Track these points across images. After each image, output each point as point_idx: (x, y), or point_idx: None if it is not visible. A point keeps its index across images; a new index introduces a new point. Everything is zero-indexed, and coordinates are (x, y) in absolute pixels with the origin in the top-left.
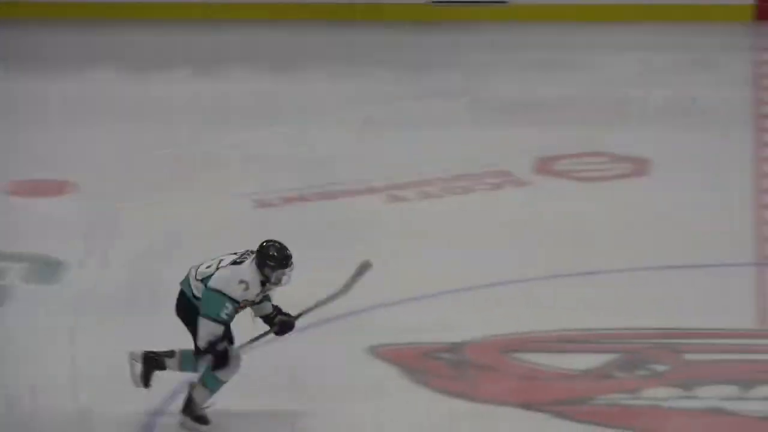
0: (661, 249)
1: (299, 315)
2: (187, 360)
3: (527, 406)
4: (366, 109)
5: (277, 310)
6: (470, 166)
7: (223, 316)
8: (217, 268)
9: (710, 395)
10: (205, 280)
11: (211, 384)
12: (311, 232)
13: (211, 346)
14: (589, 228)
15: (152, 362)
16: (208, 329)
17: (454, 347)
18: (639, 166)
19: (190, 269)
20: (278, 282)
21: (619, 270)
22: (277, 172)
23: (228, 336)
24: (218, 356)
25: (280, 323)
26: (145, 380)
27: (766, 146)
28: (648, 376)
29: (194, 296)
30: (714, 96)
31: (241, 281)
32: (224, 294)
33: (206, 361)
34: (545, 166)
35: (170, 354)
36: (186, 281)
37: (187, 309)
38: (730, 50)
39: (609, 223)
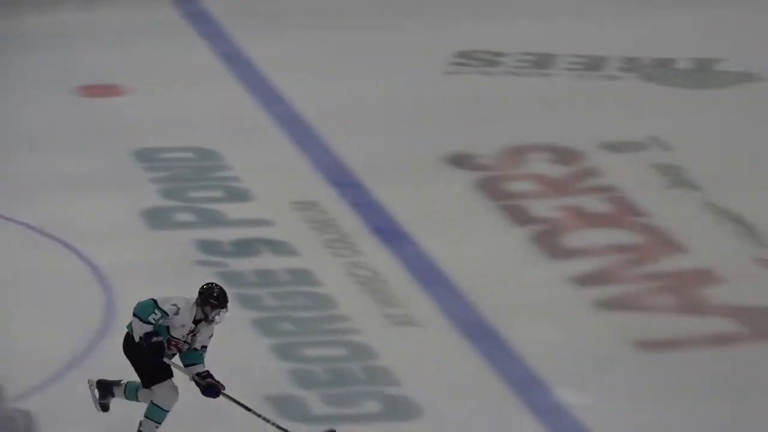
0: None
1: (230, 397)
2: (131, 391)
3: None
4: None
5: (208, 373)
6: None
7: (151, 319)
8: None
9: None
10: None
11: (155, 416)
12: None
13: (146, 336)
14: None
15: (104, 388)
16: (140, 327)
17: None
18: None
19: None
20: (214, 320)
21: None
22: None
23: (166, 367)
24: (152, 346)
25: (209, 385)
26: (102, 406)
27: None
28: None
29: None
30: None
31: (173, 304)
32: (156, 304)
33: (147, 397)
34: None
35: (117, 383)
36: (130, 324)
37: (132, 348)
38: None
39: None
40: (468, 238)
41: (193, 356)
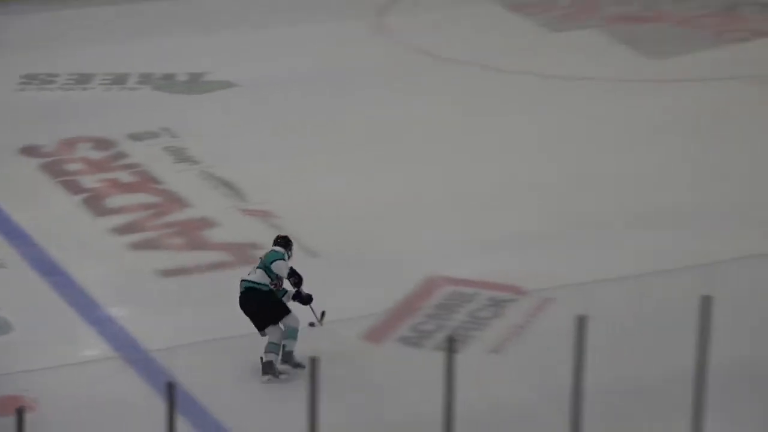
0: None
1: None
2: (273, 347)
3: None
4: None
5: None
6: None
7: (287, 257)
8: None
9: None
10: (262, 266)
11: (294, 334)
12: None
13: (292, 271)
14: None
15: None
16: (284, 265)
17: None
18: None
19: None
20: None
21: None
22: None
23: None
24: (298, 276)
25: (309, 296)
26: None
27: None
28: None
29: (257, 283)
30: None
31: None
32: (281, 253)
33: (279, 333)
34: None
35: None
36: (246, 281)
37: (250, 298)
38: None
39: None
40: (41, 205)
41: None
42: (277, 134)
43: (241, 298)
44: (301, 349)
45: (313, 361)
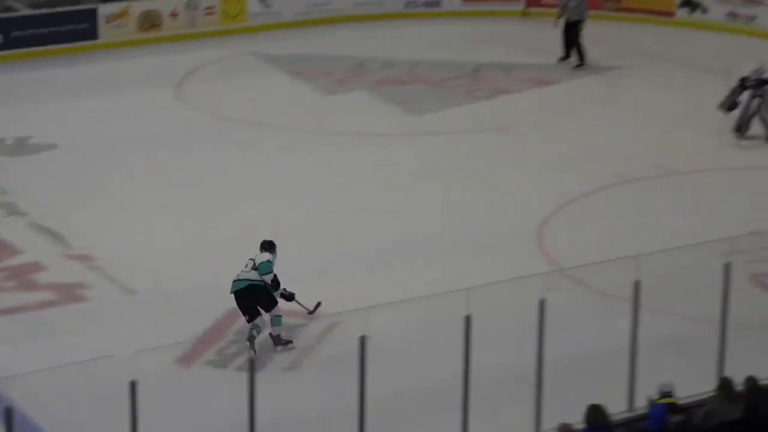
0: None
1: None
2: (257, 328)
3: None
4: None
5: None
6: None
7: (272, 267)
8: (253, 261)
9: None
10: (255, 268)
11: (280, 321)
12: None
13: (275, 279)
14: None
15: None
16: (270, 276)
17: None
18: None
19: (237, 274)
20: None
21: None
22: None
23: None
24: (278, 282)
25: (291, 294)
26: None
27: None
28: None
29: (255, 280)
30: None
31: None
32: (269, 261)
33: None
34: None
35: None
36: (245, 280)
37: (249, 292)
38: None
39: None
40: None
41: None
42: (97, 188)
43: (239, 292)
44: (121, 376)
45: (133, 385)
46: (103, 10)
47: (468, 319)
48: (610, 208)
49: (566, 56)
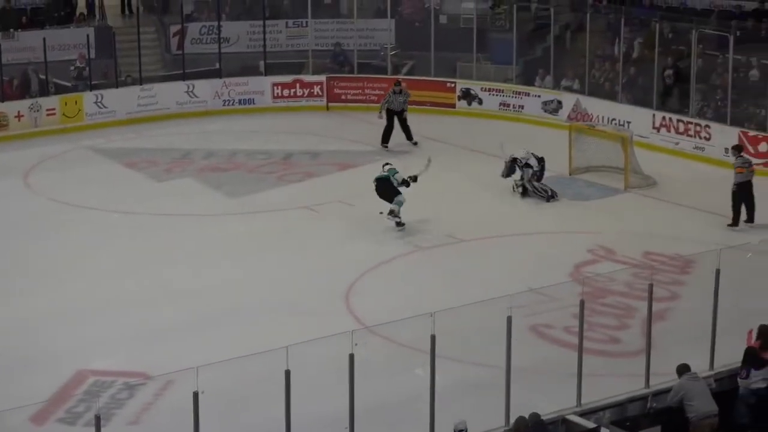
0: None
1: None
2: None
3: None
4: None
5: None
6: None
7: (395, 171)
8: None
9: None
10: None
11: (400, 203)
12: None
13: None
14: None
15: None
16: (399, 176)
17: None
18: None
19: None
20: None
21: None
22: None
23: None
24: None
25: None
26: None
27: None
28: None
29: (386, 177)
30: None
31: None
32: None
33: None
34: None
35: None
36: (380, 176)
37: (385, 187)
38: None
39: None
40: None
41: None
42: None
43: (377, 186)
44: None
45: None
46: None
47: (288, 374)
48: (408, 272)
49: (412, 140)
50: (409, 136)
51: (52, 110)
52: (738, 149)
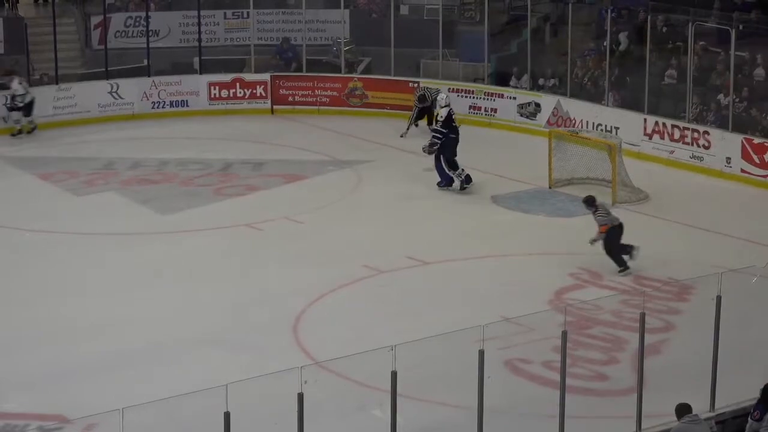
0: None
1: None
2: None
3: None
4: None
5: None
6: None
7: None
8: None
9: None
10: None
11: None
12: None
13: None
14: None
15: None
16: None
17: None
18: None
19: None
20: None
21: None
22: None
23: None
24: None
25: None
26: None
27: None
28: None
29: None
30: None
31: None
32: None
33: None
34: None
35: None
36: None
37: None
38: None
39: None
40: None
41: None
42: None
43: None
44: None
45: None
46: None
47: (227, 416)
48: (364, 299)
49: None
50: (416, 124)
51: None
52: (589, 202)
